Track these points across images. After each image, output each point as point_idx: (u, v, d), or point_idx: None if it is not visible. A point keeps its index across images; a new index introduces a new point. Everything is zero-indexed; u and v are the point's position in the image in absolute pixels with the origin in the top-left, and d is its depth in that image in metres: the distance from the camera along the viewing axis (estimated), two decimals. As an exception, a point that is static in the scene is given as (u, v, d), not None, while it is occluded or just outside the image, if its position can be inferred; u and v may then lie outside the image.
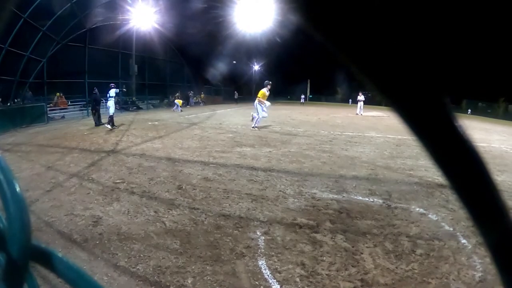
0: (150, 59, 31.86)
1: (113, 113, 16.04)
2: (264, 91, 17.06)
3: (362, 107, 29.79)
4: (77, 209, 5.81)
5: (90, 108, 18.85)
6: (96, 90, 17.09)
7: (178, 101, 28.30)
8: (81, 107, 24.15)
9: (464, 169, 0.33)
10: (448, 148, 0.32)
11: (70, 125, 17.55)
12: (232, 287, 3.83)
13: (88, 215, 5.58)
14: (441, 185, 8.06)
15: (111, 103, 15.98)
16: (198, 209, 6.01)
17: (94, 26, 24.09)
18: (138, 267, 4.12)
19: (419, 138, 0.32)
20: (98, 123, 16.54)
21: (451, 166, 0.33)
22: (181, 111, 27.37)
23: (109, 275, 3.93)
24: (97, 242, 4.72)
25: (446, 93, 0.30)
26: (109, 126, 15.66)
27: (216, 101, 39.78)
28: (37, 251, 0.53)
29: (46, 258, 0.53)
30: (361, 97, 30.22)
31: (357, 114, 29.31)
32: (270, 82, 17.21)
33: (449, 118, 0.31)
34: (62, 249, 4.44)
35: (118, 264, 4.17)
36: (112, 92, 16.33)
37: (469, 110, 38.38)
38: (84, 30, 23.53)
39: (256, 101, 17.13)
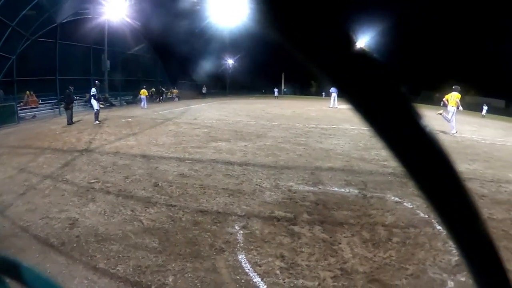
0: (122, 54, 31.01)
1: (98, 109, 15.99)
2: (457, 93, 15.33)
3: (336, 100, 30.09)
4: (52, 212, 5.64)
5: (62, 106, 18.29)
6: (71, 88, 16.61)
7: (143, 92, 26.82)
8: (52, 105, 23.31)
9: (424, 161, 0.32)
10: (406, 139, 0.31)
11: (42, 124, 16.98)
12: (213, 283, 3.81)
13: (64, 217, 5.42)
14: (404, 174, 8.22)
15: (93, 101, 15.91)
16: (175, 206, 5.94)
17: (64, 20, 23.29)
18: (118, 268, 4.04)
19: (377, 129, 0.31)
20: (70, 121, 16.12)
21: (409, 157, 0.32)
22: (143, 107, 26.05)
23: (89, 278, 3.84)
24: (75, 245, 4.60)
25: (404, 84, 0.29)
26: (96, 122, 15.80)
27: (190, 96, 39.26)
28: (3, 263, 0.49)
29: (13, 270, 0.48)
30: (335, 89, 30.31)
31: (330, 107, 29.58)
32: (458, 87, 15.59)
33: (407, 108, 0.30)
34: (39, 254, 4.31)
35: (97, 267, 4.08)
36: (93, 90, 16.17)
37: (442, 103, 39.23)
38: (54, 25, 22.74)
39: (452, 107, 15.22)
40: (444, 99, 15.77)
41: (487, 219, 5.85)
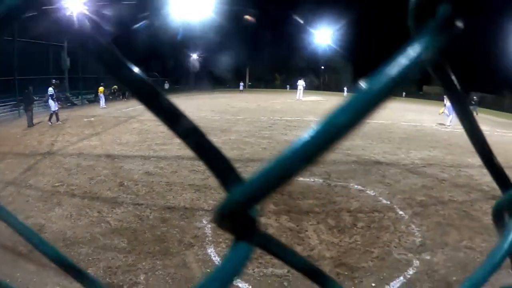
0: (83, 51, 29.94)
1: (55, 109, 15.34)
2: None
3: (302, 92, 30.53)
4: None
5: (22, 107, 17.46)
6: (31, 88, 15.91)
7: (101, 90, 25.07)
8: (12, 107, 22.11)
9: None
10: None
11: (1, 128, 16.23)
12: (184, 279, 3.82)
13: (30, 224, 5.24)
14: (377, 162, 8.49)
15: (50, 101, 15.25)
16: (142, 204, 5.86)
17: (23, 16, 22.13)
18: (88, 271, 3.96)
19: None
20: (31, 123, 15.45)
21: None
22: (103, 107, 23.93)
23: (60, 284, 3.73)
24: None
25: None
26: (59, 122, 15.02)
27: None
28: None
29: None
30: (301, 82, 31.22)
31: (297, 99, 29.91)
32: None
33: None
34: (8, 264, 4.16)
35: None
36: (50, 90, 15.51)
37: (404, 93, 40.58)
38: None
39: None
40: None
41: (448, 201, 6.13)
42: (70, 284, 3.74)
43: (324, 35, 43.92)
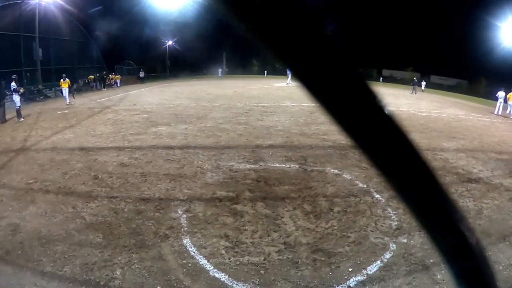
0: (55, 41, 28.74)
1: (19, 105, 14.69)
2: None
3: (291, 77, 30.89)
4: None
5: None
6: (2, 82, 15.27)
7: (63, 84, 19.65)
8: None
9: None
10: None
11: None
12: (161, 271, 3.76)
13: (4, 224, 5.00)
14: (353, 147, 8.48)
15: (15, 96, 14.60)
16: (116, 197, 5.73)
17: None
18: (65, 269, 3.84)
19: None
20: (3, 119, 14.83)
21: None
22: (69, 103, 19.08)
23: (38, 284, 3.61)
24: (19, 251, 4.28)
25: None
26: (22, 119, 14.42)
27: (130, 82, 37.60)
28: None
29: None
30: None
31: (288, 84, 30.20)
32: None
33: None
34: None
35: (44, 271, 3.84)
36: (13, 84, 14.85)
37: (381, 78, 41.13)
38: None
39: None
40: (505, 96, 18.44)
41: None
42: (47, 283, 3.64)
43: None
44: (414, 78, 31.33)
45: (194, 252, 4.07)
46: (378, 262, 3.92)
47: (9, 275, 3.78)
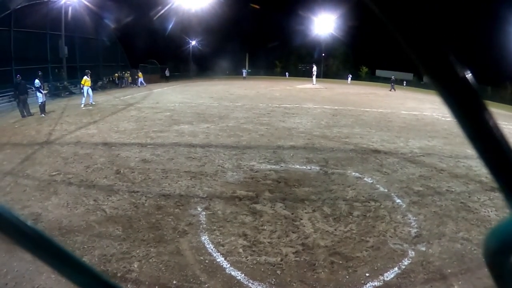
0: (81, 39, 29.42)
1: (42, 101, 15.00)
2: None
3: (315, 79, 31.30)
4: (15, 209, 5.32)
5: (14, 98, 17.05)
6: (19, 76, 15.62)
7: (86, 82, 17.64)
8: (10, 97, 21.79)
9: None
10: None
11: (-1, 118, 16.08)
12: (178, 266, 3.79)
13: (27, 213, 5.17)
14: (375, 151, 8.42)
15: (38, 93, 14.93)
16: (137, 192, 5.82)
17: (19, 6, 21.76)
18: (83, 259, 3.93)
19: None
20: (24, 113, 15.20)
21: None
22: (86, 104, 17.15)
23: (56, 273, 3.71)
24: None
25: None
26: (42, 115, 14.70)
27: (153, 80, 38.07)
28: None
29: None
30: (314, 68, 32.96)
31: (313, 85, 30.50)
32: None
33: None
34: (5, 254, 4.08)
35: None
36: (37, 82, 15.20)
37: (405, 82, 40.50)
38: (8, 12, 21.21)
39: None
40: None
41: (446, 192, 6.07)
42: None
43: (325, 22, 43.43)
44: (393, 77, 32.40)
45: (212, 249, 4.09)
46: (396, 268, 3.85)
47: (28, 262, 3.87)
